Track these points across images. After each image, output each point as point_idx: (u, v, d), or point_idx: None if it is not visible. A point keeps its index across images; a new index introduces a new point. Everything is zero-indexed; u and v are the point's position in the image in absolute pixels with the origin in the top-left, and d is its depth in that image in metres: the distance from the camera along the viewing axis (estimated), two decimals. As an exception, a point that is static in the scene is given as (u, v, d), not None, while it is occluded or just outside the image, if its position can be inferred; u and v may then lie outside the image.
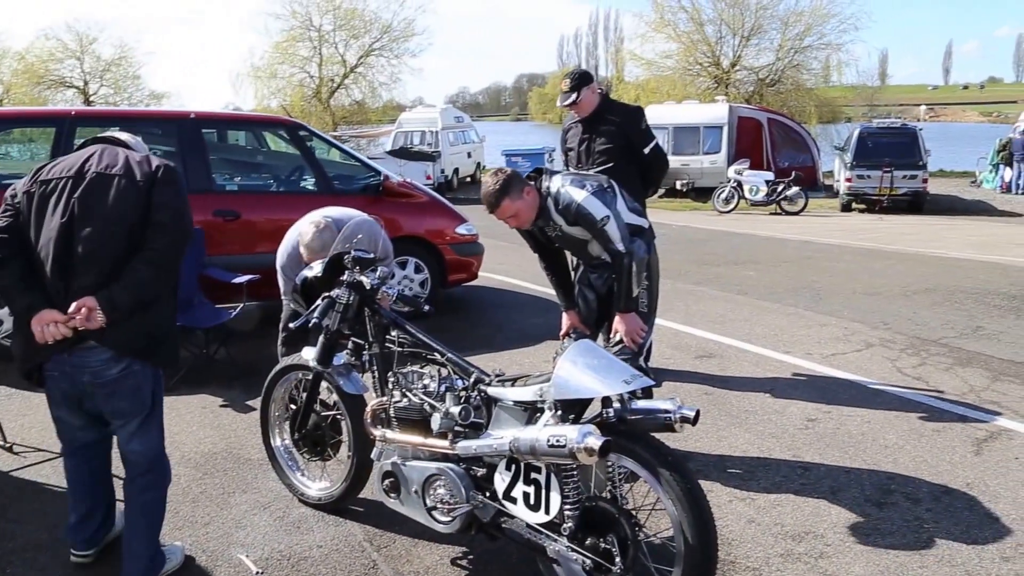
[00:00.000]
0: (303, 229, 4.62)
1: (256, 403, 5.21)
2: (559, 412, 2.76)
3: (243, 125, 8.78)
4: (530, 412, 2.92)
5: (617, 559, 2.70)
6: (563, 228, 3.96)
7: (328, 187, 7.12)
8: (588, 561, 2.75)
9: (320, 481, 3.92)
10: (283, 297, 5.06)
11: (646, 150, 5.10)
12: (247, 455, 4.54)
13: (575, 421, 2.81)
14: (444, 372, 3.30)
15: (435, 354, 3.32)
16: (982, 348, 6.55)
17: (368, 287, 3.44)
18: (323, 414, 3.80)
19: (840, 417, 5.04)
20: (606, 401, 2.79)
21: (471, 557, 3.44)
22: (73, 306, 2.77)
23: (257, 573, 3.33)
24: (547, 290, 4.52)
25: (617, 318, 4.03)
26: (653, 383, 2.82)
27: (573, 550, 2.78)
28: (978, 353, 6.41)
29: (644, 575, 2.84)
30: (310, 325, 3.52)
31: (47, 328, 2.79)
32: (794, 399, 5.38)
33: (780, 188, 18.31)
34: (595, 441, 2.52)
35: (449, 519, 3.14)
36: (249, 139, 8.45)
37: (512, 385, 2.99)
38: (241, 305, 5.93)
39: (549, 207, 3.91)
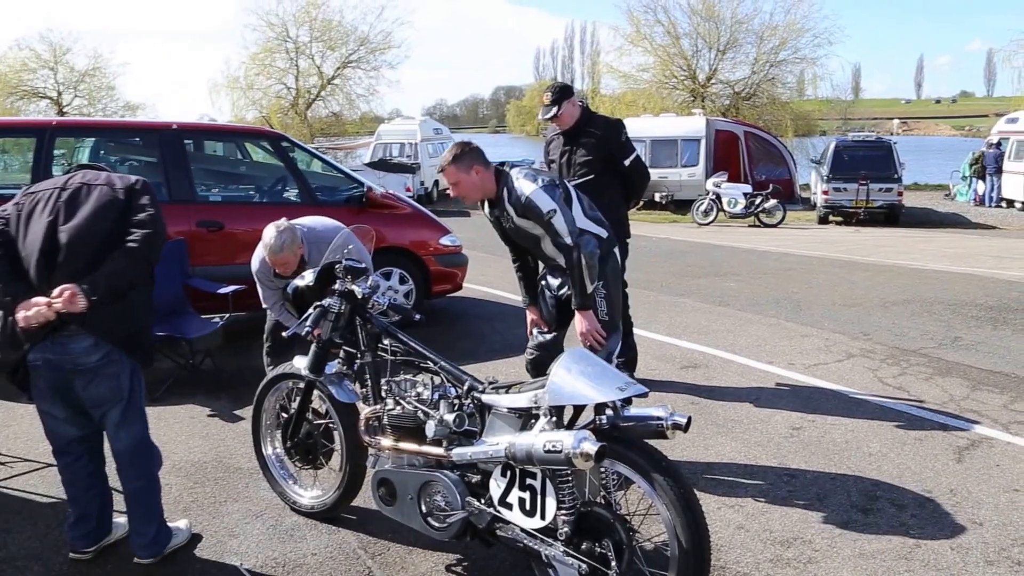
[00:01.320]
0: (264, 231, 4.62)
1: (243, 413, 5.28)
2: (554, 418, 2.79)
3: (226, 136, 8.77)
4: (525, 419, 2.95)
5: (613, 563, 2.73)
6: (514, 220, 3.98)
7: (311, 198, 7.13)
8: (584, 565, 2.77)
9: (312, 489, 3.92)
10: (264, 305, 5.06)
11: (626, 162, 5.17)
12: (237, 464, 4.53)
13: (568, 427, 2.85)
14: (437, 380, 3.32)
15: (428, 362, 3.35)
16: (961, 358, 6.66)
17: (360, 296, 3.46)
18: (315, 423, 3.81)
19: (824, 426, 5.11)
20: (599, 408, 2.82)
21: (465, 564, 3.46)
22: (56, 290, 2.94)
23: None
24: (520, 300, 4.55)
25: (576, 316, 4.04)
26: (646, 391, 2.85)
27: (568, 555, 2.81)
28: (957, 363, 6.51)
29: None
30: (303, 334, 3.52)
31: (30, 312, 2.94)
32: (778, 408, 5.44)
33: (758, 201, 18.50)
34: (591, 446, 2.55)
35: (444, 526, 3.16)
36: (231, 150, 8.43)
37: (507, 392, 3.02)
38: (227, 315, 5.93)
39: (503, 196, 3.96)
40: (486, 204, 4.13)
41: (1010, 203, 21.30)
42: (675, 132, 22.23)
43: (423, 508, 3.23)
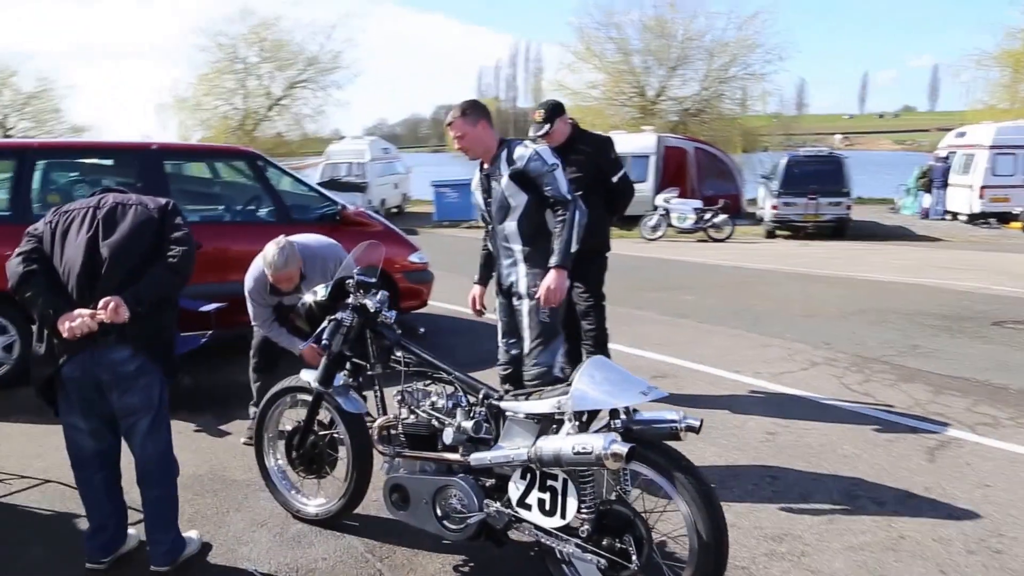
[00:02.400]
0: (265, 251, 4.68)
1: (229, 428, 5.35)
2: (578, 423, 2.90)
3: (203, 156, 8.78)
4: (543, 424, 3.05)
5: (634, 557, 2.85)
6: (503, 180, 4.19)
7: (287, 216, 7.18)
8: (603, 561, 2.90)
9: (317, 498, 4.00)
10: (253, 323, 5.09)
11: (615, 178, 5.33)
12: (232, 476, 4.57)
13: (583, 430, 2.97)
14: (450, 389, 3.42)
15: (441, 373, 3.44)
16: (921, 365, 6.93)
17: (372, 310, 3.55)
18: (320, 433, 3.87)
19: (798, 430, 5.30)
20: (614, 412, 2.94)
21: (472, 564, 3.56)
22: (101, 301, 3.09)
23: None
24: (494, 318, 4.68)
25: (551, 272, 4.13)
26: (666, 394, 2.98)
27: (587, 550, 2.92)
28: (918, 369, 6.78)
29: (656, 573, 3.00)
30: (320, 347, 3.62)
31: (74, 323, 3.05)
32: (752, 414, 5.62)
33: (708, 216, 18.84)
34: (621, 448, 2.68)
35: (461, 527, 3.26)
36: (208, 170, 8.42)
37: (526, 399, 3.12)
38: (210, 332, 5.93)
39: (501, 156, 4.20)
40: (478, 168, 4.37)
41: (955, 215, 22.01)
42: (626, 149, 22.34)
43: (438, 511, 3.33)
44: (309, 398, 3.90)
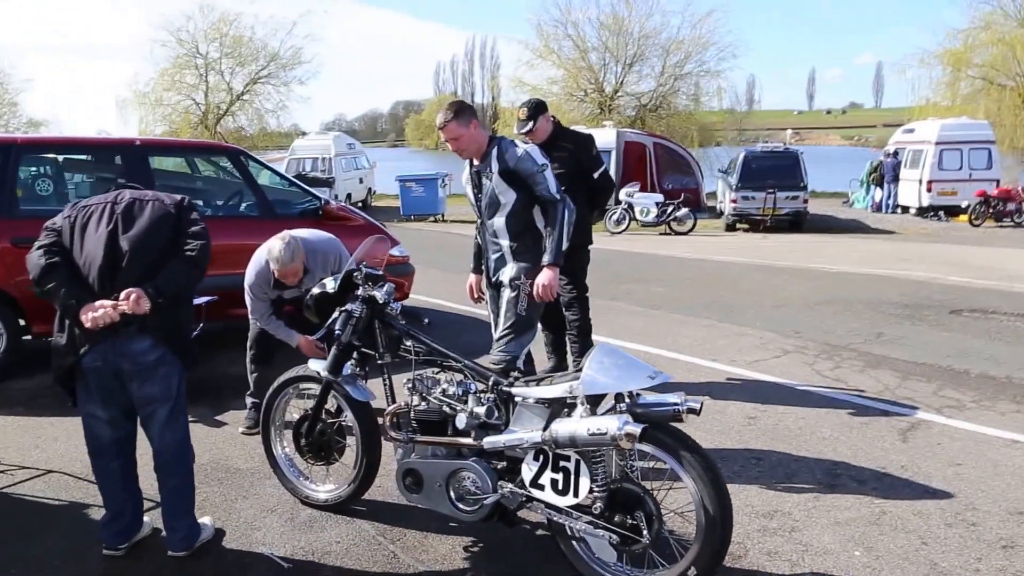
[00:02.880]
0: (271, 245, 4.77)
1: (225, 418, 5.44)
2: (589, 406, 3.06)
3: (185, 152, 8.78)
4: (554, 408, 3.21)
5: (645, 531, 3.02)
6: (493, 177, 4.33)
7: (270, 211, 7.24)
8: (615, 536, 3.06)
9: (326, 484, 4.11)
10: (250, 317, 5.17)
11: (596, 174, 5.50)
12: (235, 465, 4.66)
13: (592, 414, 3.13)
14: (460, 377, 3.56)
15: (451, 361, 3.58)
16: (887, 352, 7.22)
17: (381, 301, 3.68)
18: (328, 421, 3.98)
19: (776, 415, 5.52)
20: (619, 396, 3.11)
21: (481, 545, 3.71)
22: (123, 293, 3.19)
23: (287, 568, 3.51)
24: (474, 310, 4.83)
25: (544, 271, 4.33)
26: (671, 378, 3.15)
27: (599, 527, 3.09)
28: (885, 356, 7.07)
29: (663, 547, 3.17)
30: (332, 337, 3.75)
31: (97, 314, 3.14)
32: (731, 400, 5.84)
33: (670, 209, 19.15)
34: (634, 428, 2.85)
35: (475, 508, 3.40)
36: (192, 165, 8.43)
37: (537, 385, 3.27)
38: (200, 325, 5.99)
39: (492, 153, 4.33)
40: (468, 164, 4.49)
41: (905, 209, 22.66)
42: (586, 144, 22.71)
43: (452, 494, 3.47)
44: (314, 387, 4.02)
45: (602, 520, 3.09)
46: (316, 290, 3.94)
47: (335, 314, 3.78)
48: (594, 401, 3.10)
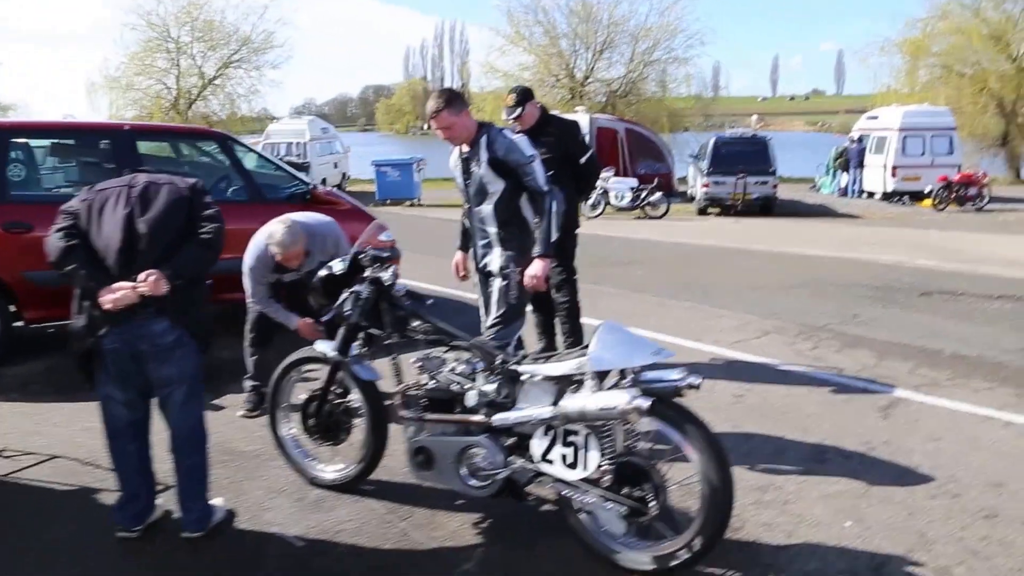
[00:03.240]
0: (272, 230, 4.83)
1: (222, 402, 5.52)
2: (598, 382, 3.19)
3: (174, 137, 8.76)
4: (561, 384, 3.33)
5: (652, 503, 3.16)
6: (482, 165, 4.39)
7: (259, 196, 7.28)
8: (623, 508, 3.20)
9: (334, 464, 4.20)
10: (249, 300, 5.22)
11: (583, 160, 5.61)
12: (238, 448, 4.73)
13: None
14: (468, 355, 3.67)
15: (458, 340, 3.69)
16: (863, 332, 7.44)
17: (387, 283, 3.77)
18: (336, 402, 4.07)
19: (762, 393, 5.70)
20: (623, 372, 3.23)
21: (490, 521, 3.82)
22: (142, 275, 3.25)
23: (301, 546, 3.61)
24: (460, 292, 4.94)
25: (536, 262, 4.42)
26: (673, 354, 3.29)
27: (608, 499, 3.22)
28: (861, 336, 7.28)
29: (667, 519, 3.32)
30: (337, 318, 3.83)
31: (117, 295, 3.21)
32: (718, 379, 5.99)
33: (644, 194, 19.35)
34: (644, 402, 2.98)
35: (486, 484, 3.52)
36: (180, 150, 8.42)
37: (545, 362, 3.39)
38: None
39: (481, 142, 4.38)
40: (457, 149, 4.54)
41: (870, 194, 23.09)
42: (558, 129, 22.83)
43: (463, 471, 3.58)
44: (318, 369, 4.11)
45: (610, 492, 3.23)
46: (323, 272, 4.01)
47: (343, 295, 3.86)
48: (599, 378, 3.21)
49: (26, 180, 6.88)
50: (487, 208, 4.51)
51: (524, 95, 5.49)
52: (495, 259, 4.57)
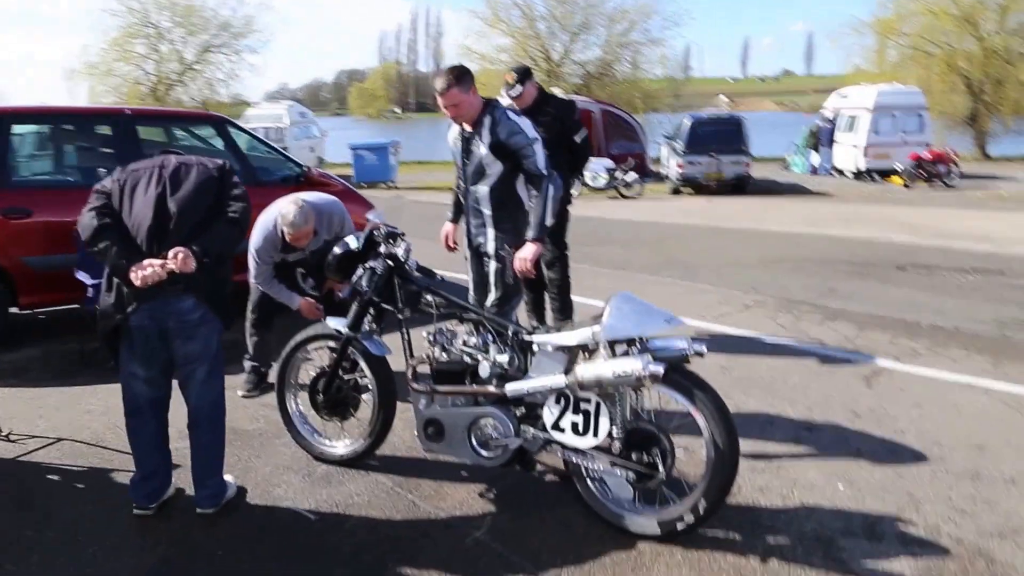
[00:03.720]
0: (284, 211, 4.86)
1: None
2: (610, 351, 3.30)
3: (173, 121, 8.76)
4: (572, 354, 3.45)
5: (660, 467, 3.29)
6: (483, 146, 4.45)
7: (254, 178, 7.31)
8: (632, 473, 3.33)
9: (342, 439, 4.28)
10: (253, 281, 5.26)
11: (577, 138, 5.72)
12: (241, 427, 4.79)
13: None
14: (479, 328, 3.77)
15: (471, 314, 3.79)
16: (842, 305, 7.63)
17: (402, 259, 3.86)
18: (345, 377, 4.15)
19: (748, 365, 5.85)
20: (631, 341, 3.34)
21: (495, 491, 3.94)
22: (171, 252, 3.34)
23: (313, 519, 3.70)
24: (450, 272, 5.04)
25: (528, 246, 4.47)
26: (683, 322, 3.41)
27: (617, 465, 3.35)
28: (841, 309, 7.47)
29: (672, 484, 3.45)
30: (361, 292, 3.93)
31: (146, 272, 3.29)
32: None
33: (619, 174, 19.49)
34: (658, 368, 3.11)
35: (497, 454, 3.63)
36: (178, 134, 8.41)
37: (557, 332, 3.50)
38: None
39: (484, 121, 4.43)
40: (457, 127, 4.58)
41: (841, 172, 23.41)
42: (533, 110, 22.89)
43: (473, 441, 3.68)
44: (324, 346, 4.19)
45: (620, 458, 3.35)
46: (339, 249, 4.07)
47: (358, 271, 3.94)
48: (611, 346, 3.32)
49: (27, 166, 6.88)
50: (483, 189, 4.56)
51: (524, 74, 5.57)
52: (489, 241, 4.64)
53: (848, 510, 3.71)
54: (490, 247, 4.64)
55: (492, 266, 4.65)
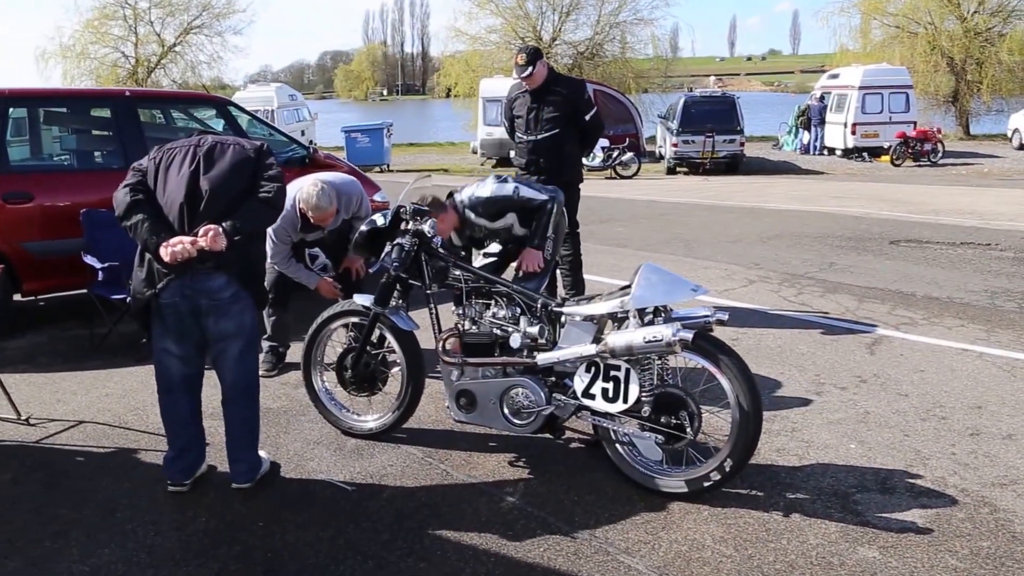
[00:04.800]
0: (306, 192, 4.93)
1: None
2: (639, 319, 3.48)
3: (175, 103, 8.80)
4: (600, 324, 3.64)
5: (688, 429, 3.49)
6: (487, 227, 4.53)
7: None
8: (661, 436, 3.52)
9: (371, 413, 4.43)
10: (270, 261, 5.36)
11: (587, 117, 5.86)
12: (265, 405, 4.81)
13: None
14: (508, 300, 3.93)
15: (499, 287, 3.95)
16: (841, 279, 7.85)
17: (428, 235, 4.02)
18: (373, 352, 4.29)
19: (756, 336, 6.05)
20: (656, 309, 3.52)
21: (524, 459, 4.10)
22: (201, 229, 3.37)
23: (351, 490, 3.85)
24: None
25: (527, 251, 4.60)
26: (707, 290, 3.59)
27: (646, 428, 3.54)
28: (840, 283, 7.69)
29: (696, 446, 3.65)
30: (390, 270, 4.06)
31: (176, 248, 3.34)
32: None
33: (615, 154, 19.66)
34: (687, 334, 3.29)
35: (528, 421, 3.80)
36: (180, 116, 8.49)
37: (587, 303, 3.68)
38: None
39: (469, 217, 4.47)
40: (453, 235, 4.59)
41: (831, 151, 23.65)
42: (527, 91, 22.97)
43: (505, 410, 3.85)
44: (349, 323, 4.34)
45: (649, 422, 3.54)
46: (366, 227, 4.20)
47: (387, 248, 4.08)
48: (640, 315, 3.50)
49: (26, 149, 6.87)
50: (518, 229, 4.59)
51: (534, 55, 5.69)
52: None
53: (861, 467, 3.91)
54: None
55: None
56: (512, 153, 6.14)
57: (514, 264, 4.77)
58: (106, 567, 3.23)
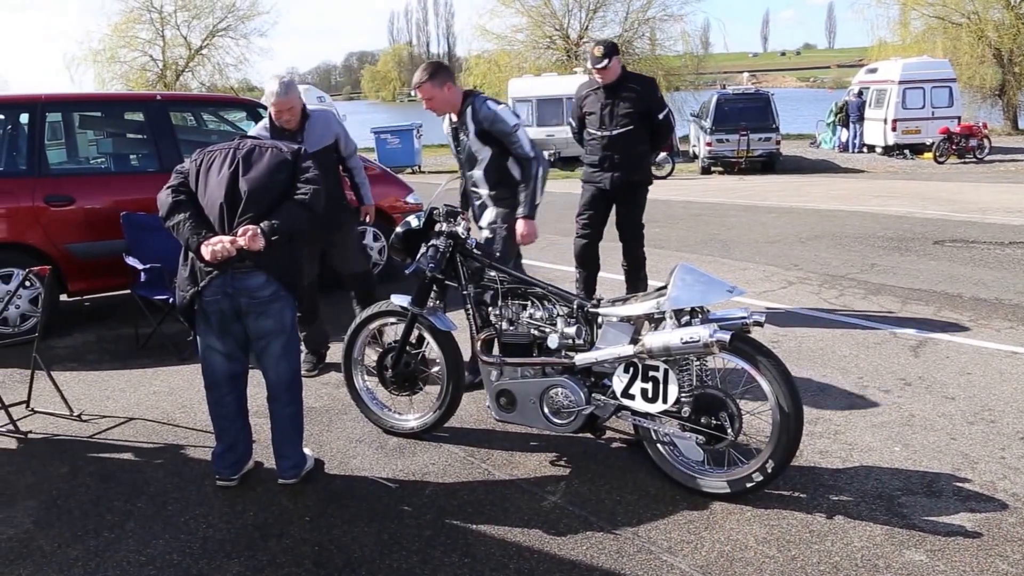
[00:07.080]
0: (268, 86, 5.02)
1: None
2: (676, 320, 3.47)
3: (205, 106, 8.95)
4: (637, 325, 3.64)
5: (729, 430, 3.47)
6: (470, 135, 4.71)
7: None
8: (701, 436, 3.51)
9: (412, 412, 4.47)
10: None
11: (660, 115, 5.86)
12: (307, 404, 4.81)
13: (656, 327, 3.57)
14: (545, 301, 3.94)
15: (536, 288, 3.97)
16: (883, 280, 7.75)
17: (462, 236, 4.05)
18: (412, 352, 4.33)
19: (797, 338, 6.00)
20: (693, 311, 3.51)
21: (565, 458, 4.11)
22: (240, 229, 3.51)
23: (394, 487, 3.89)
24: None
25: (520, 222, 4.72)
26: (744, 291, 3.58)
27: (686, 429, 3.53)
28: (882, 284, 7.60)
29: (737, 447, 3.64)
30: (426, 271, 4.09)
31: (216, 247, 3.47)
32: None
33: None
34: (724, 335, 3.28)
35: (568, 421, 3.82)
36: (210, 119, 8.60)
37: (623, 304, 3.68)
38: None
39: (467, 112, 4.69)
40: (447, 118, 4.87)
41: (871, 148, 23.33)
42: (559, 91, 22.98)
43: (545, 410, 3.87)
44: (385, 324, 4.41)
45: (689, 422, 3.53)
46: (401, 228, 4.27)
47: (422, 249, 4.13)
48: (677, 316, 3.50)
49: (65, 153, 7.01)
50: (478, 172, 4.83)
51: (611, 49, 5.71)
52: (488, 216, 4.89)
53: (906, 470, 3.87)
54: (485, 222, 4.89)
55: (483, 235, 4.86)
56: (582, 153, 6.16)
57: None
58: (161, 557, 3.34)
